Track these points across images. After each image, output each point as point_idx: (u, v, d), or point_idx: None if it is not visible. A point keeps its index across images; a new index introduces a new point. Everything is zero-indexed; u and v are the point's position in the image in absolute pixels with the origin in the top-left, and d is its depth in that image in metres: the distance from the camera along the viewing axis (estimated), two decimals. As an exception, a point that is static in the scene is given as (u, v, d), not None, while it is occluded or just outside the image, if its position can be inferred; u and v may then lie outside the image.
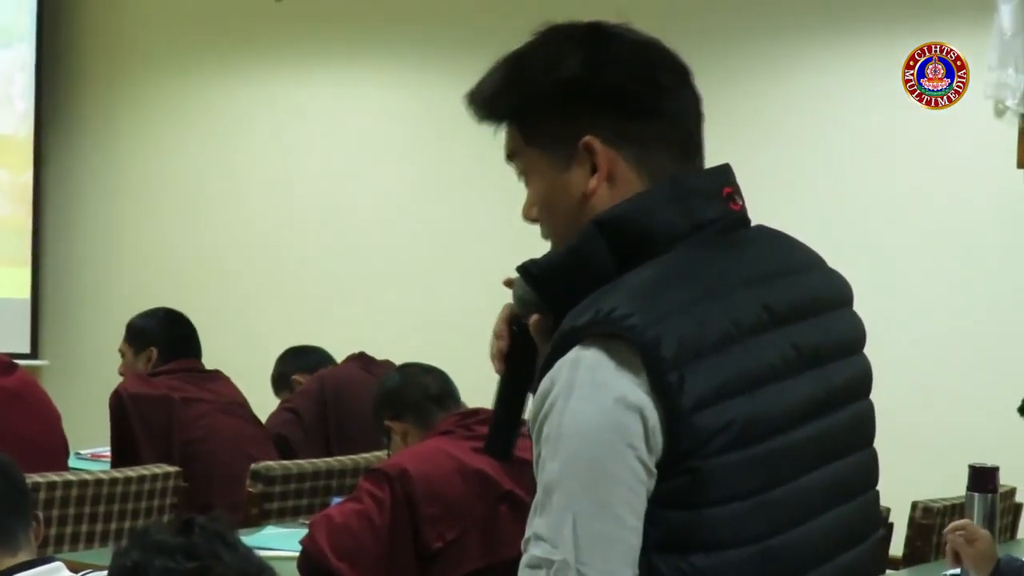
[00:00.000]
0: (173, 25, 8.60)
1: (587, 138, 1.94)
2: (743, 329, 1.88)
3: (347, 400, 5.82)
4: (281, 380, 6.32)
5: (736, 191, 2.00)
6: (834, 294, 2.07)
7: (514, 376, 2.03)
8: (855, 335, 2.08)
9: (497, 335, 2.03)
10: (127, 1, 8.79)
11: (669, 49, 2.01)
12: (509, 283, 2.03)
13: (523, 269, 1.96)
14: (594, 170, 1.95)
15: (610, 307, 1.82)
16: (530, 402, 2.05)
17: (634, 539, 1.79)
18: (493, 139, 1.98)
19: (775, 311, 1.92)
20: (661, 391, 1.80)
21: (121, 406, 5.38)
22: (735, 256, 1.95)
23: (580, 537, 1.78)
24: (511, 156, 2.02)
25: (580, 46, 1.97)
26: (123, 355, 5.80)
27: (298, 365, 6.33)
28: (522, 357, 2.01)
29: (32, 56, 8.74)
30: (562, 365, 1.83)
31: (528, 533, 1.82)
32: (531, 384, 2.00)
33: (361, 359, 6.08)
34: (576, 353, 1.82)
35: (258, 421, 5.72)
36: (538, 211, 2.01)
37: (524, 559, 1.82)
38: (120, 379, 5.67)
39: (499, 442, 2.08)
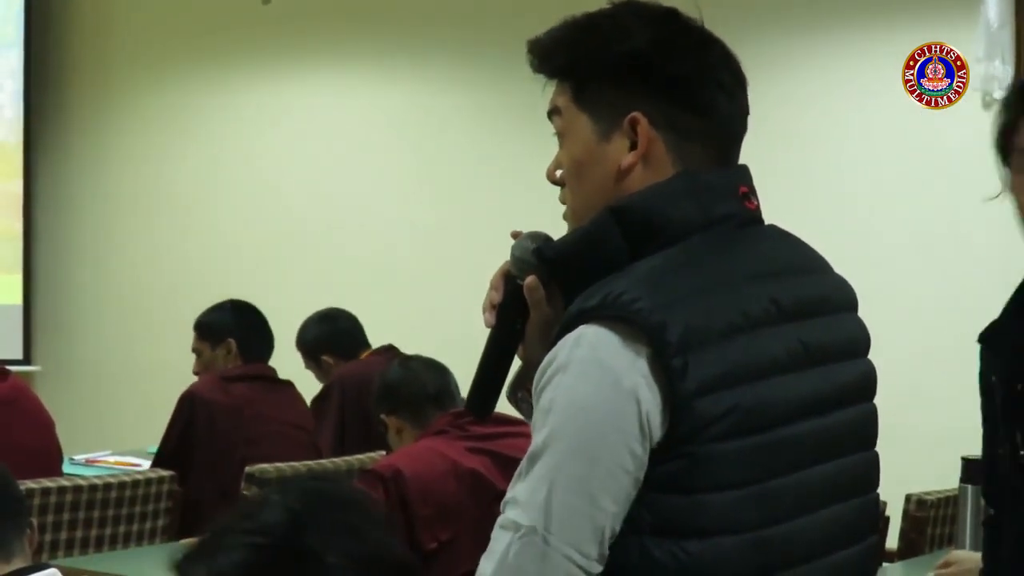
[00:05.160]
0: (162, 30, 8.59)
1: (635, 114, 1.96)
2: (750, 320, 1.89)
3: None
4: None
5: (752, 191, 2.02)
6: (841, 297, 2.08)
7: (503, 332, 2.03)
8: (861, 338, 2.10)
9: (493, 286, 2.04)
10: (115, 7, 8.78)
11: (734, 55, 2.03)
12: (516, 235, 2.05)
13: (539, 251, 1.98)
14: (633, 147, 1.96)
15: (619, 291, 1.84)
16: (515, 365, 2.07)
17: (605, 520, 1.81)
18: (482, 139, 1.99)
19: (783, 306, 1.94)
20: (664, 375, 1.81)
21: (191, 409, 5.29)
22: (746, 251, 1.97)
23: (552, 507, 1.80)
24: (553, 113, 2.02)
25: (653, 25, 1.99)
26: (199, 354, 5.68)
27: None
28: (514, 315, 2.02)
29: (21, 63, 8.73)
30: (565, 341, 1.85)
31: (508, 496, 1.85)
32: (519, 344, 2.02)
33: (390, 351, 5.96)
34: (580, 331, 1.84)
35: (314, 446, 5.64)
36: (564, 174, 2.02)
37: (499, 519, 1.85)
38: (190, 378, 5.62)
39: (479, 398, 2.06)
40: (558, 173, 2.03)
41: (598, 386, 1.81)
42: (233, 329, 5.66)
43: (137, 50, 8.68)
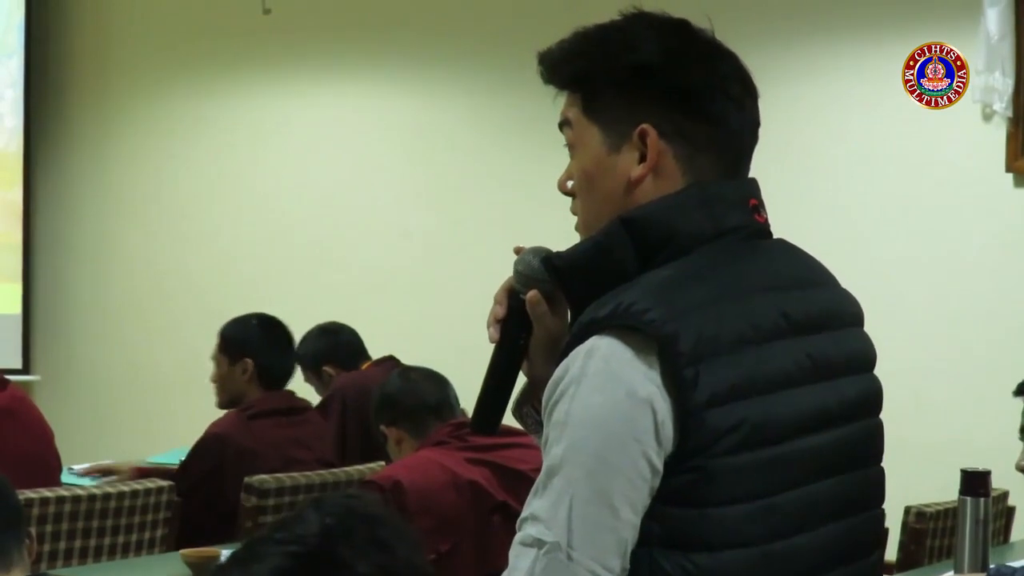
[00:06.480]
0: (162, 39, 8.60)
1: (644, 125, 1.95)
2: (760, 333, 1.89)
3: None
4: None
5: (761, 204, 2.02)
6: (848, 312, 2.09)
7: (507, 347, 2.03)
8: (867, 354, 2.10)
9: (497, 301, 2.04)
10: (115, 16, 8.79)
11: (745, 66, 2.03)
12: (519, 251, 2.05)
13: (547, 261, 1.97)
14: (642, 158, 1.96)
15: (630, 301, 1.84)
16: (521, 381, 2.06)
17: (626, 532, 1.81)
18: (482, 150, 1.98)
19: (793, 319, 1.94)
20: (676, 385, 1.81)
21: (221, 451, 5.09)
22: (756, 263, 1.97)
23: (574, 521, 1.80)
24: (564, 124, 2.02)
25: (663, 37, 1.99)
26: (217, 364, 5.40)
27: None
28: (518, 330, 2.02)
29: (21, 72, 8.74)
30: (577, 353, 1.85)
31: (525, 512, 1.84)
32: (523, 359, 2.01)
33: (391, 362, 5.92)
34: (592, 342, 1.84)
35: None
36: (575, 185, 2.02)
37: (518, 536, 1.84)
38: (207, 386, 5.45)
39: (484, 416, 2.06)
40: (569, 184, 2.03)
41: (614, 397, 1.81)
42: (253, 348, 5.36)
43: (137, 59, 8.68)
